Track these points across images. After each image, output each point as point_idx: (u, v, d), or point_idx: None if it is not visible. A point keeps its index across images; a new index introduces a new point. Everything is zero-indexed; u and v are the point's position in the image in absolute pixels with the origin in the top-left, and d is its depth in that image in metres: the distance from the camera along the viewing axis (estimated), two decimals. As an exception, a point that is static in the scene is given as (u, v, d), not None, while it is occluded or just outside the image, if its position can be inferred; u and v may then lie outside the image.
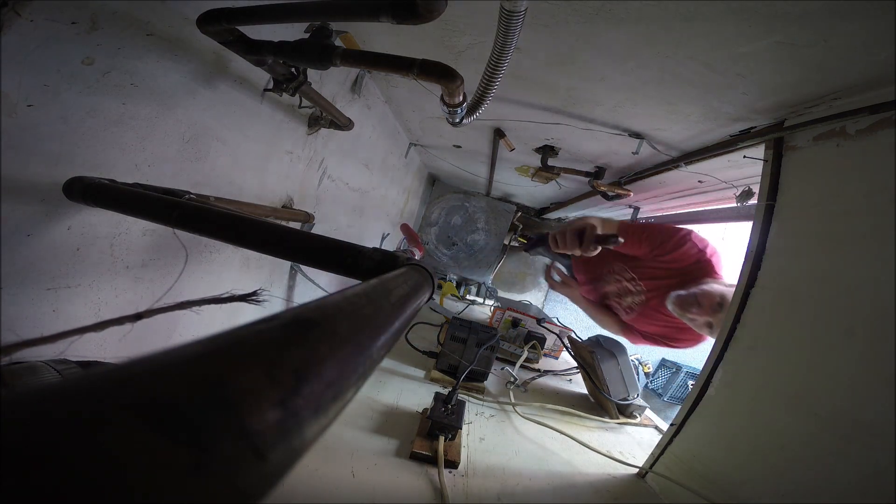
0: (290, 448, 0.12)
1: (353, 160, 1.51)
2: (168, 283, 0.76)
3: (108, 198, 0.54)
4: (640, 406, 1.26)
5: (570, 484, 0.85)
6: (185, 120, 0.71)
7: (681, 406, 0.91)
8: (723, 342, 0.85)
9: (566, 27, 0.76)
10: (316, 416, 0.13)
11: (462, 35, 0.89)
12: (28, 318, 0.56)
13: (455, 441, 0.85)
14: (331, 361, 0.15)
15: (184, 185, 0.70)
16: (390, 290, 0.27)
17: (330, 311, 0.18)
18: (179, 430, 0.09)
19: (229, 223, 0.51)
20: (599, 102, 1.08)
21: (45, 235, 0.56)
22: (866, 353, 0.60)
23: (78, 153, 0.56)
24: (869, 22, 0.57)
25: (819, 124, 0.77)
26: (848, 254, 0.68)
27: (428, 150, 2.27)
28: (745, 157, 1.02)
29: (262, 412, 0.11)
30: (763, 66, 0.73)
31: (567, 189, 2.26)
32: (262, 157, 0.96)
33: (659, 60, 0.80)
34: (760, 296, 0.82)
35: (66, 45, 0.51)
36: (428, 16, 0.49)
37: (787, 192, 0.83)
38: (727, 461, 0.76)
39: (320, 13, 0.60)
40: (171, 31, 0.64)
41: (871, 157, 0.68)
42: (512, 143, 1.61)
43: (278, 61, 0.74)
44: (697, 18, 0.65)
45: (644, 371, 4.62)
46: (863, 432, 0.58)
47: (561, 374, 1.57)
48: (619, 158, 1.50)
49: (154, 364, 0.11)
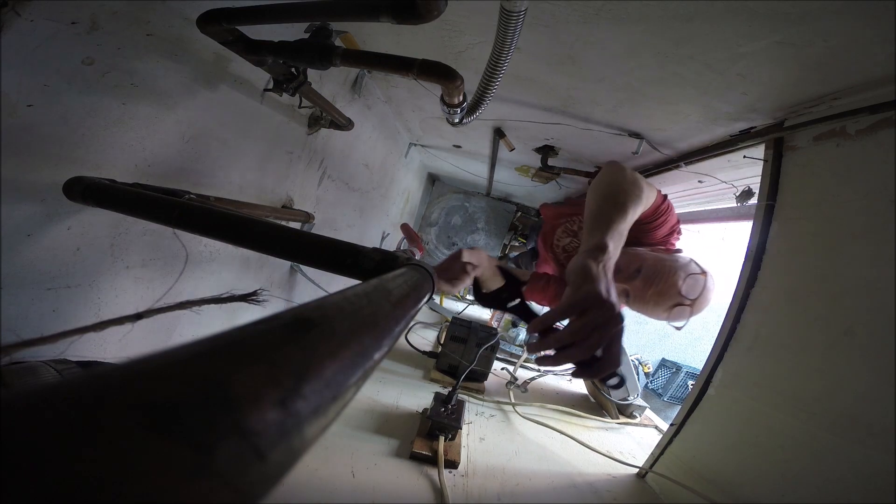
0: (290, 448, 0.12)
1: (353, 160, 1.51)
2: (168, 283, 0.76)
3: (108, 198, 0.54)
4: (640, 406, 1.26)
5: (570, 484, 0.85)
6: (185, 120, 0.71)
7: (681, 406, 0.91)
8: (723, 342, 0.85)
9: (566, 27, 0.76)
10: (316, 416, 0.13)
11: (462, 35, 0.89)
12: (28, 318, 0.56)
13: (455, 441, 0.85)
14: (331, 361, 0.15)
15: (184, 185, 0.70)
16: (390, 290, 0.27)
17: (330, 311, 0.18)
18: (179, 429, 0.09)
19: (229, 223, 0.51)
20: (599, 102, 1.08)
21: (46, 235, 0.56)
22: (866, 353, 0.60)
23: (78, 153, 0.56)
24: (869, 22, 0.57)
25: (819, 124, 0.77)
26: (848, 254, 0.68)
27: (428, 150, 2.27)
28: (745, 157, 1.02)
29: (262, 412, 0.11)
30: (763, 66, 0.73)
31: (567, 189, 2.26)
32: (262, 157, 0.96)
33: (659, 60, 0.80)
34: (760, 296, 0.82)
35: (66, 46, 0.51)
36: (428, 16, 0.49)
37: (787, 192, 0.83)
38: (727, 461, 0.76)
39: (320, 13, 0.60)
40: (172, 31, 0.64)
41: (871, 157, 0.68)
42: (512, 143, 1.61)
43: (278, 61, 0.74)
44: (697, 18, 0.65)
45: (644, 371, 4.61)
46: (863, 432, 0.58)
47: (561, 374, 1.58)
48: (619, 158, 1.50)
49: (154, 364, 0.11)
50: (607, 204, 0.68)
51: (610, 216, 0.65)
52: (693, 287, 0.91)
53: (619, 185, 0.73)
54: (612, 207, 0.67)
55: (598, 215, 0.67)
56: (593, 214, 0.68)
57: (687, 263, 0.94)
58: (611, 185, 0.74)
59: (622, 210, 0.67)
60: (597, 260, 0.55)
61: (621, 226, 0.65)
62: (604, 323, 0.47)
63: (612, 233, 0.61)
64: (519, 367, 1.52)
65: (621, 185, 0.73)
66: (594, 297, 0.48)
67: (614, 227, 0.63)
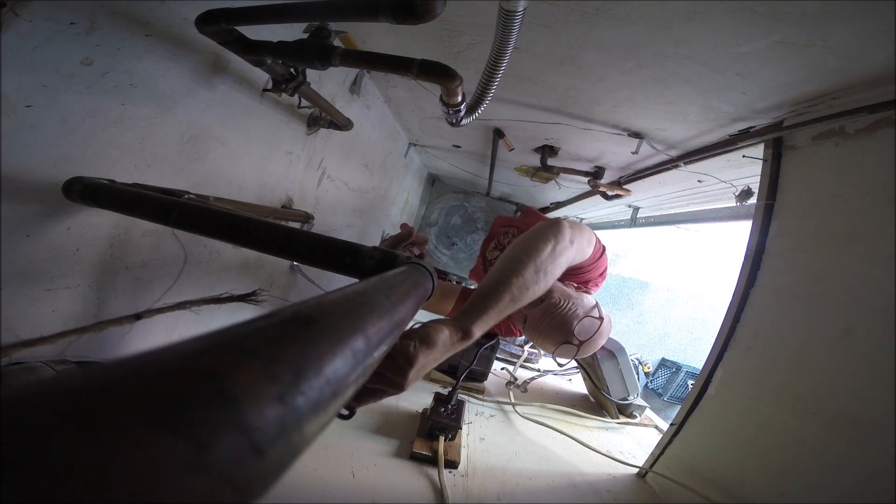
0: (289, 444, 0.12)
1: (353, 160, 1.51)
2: (167, 283, 0.76)
3: (107, 198, 0.54)
4: (640, 406, 1.26)
5: (570, 484, 0.85)
6: (184, 120, 0.71)
7: (681, 406, 0.91)
8: (722, 342, 0.85)
9: (565, 27, 0.76)
10: (315, 413, 0.13)
11: (461, 35, 0.89)
12: (27, 318, 0.56)
13: (455, 441, 0.85)
14: (330, 358, 0.15)
15: (183, 186, 0.70)
16: (390, 288, 0.27)
17: (329, 308, 0.18)
18: (177, 425, 0.09)
19: (229, 223, 0.51)
20: (599, 102, 1.08)
21: (45, 236, 0.56)
22: (866, 352, 0.60)
23: (77, 153, 0.56)
24: (868, 21, 0.57)
25: (818, 124, 0.77)
26: (847, 253, 0.68)
27: (427, 150, 2.27)
28: (744, 157, 1.03)
29: (260, 407, 0.11)
30: (762, 66, 0.73)
31: (567, 189, 2.26)
32: (261, 158, 0.96)
33: (658, 60, 0.80)
34: (760, 295, 0.82)
35: (65, 46, 0.51)
36: (427, 16, 0.49)
37: (787, 191, 0.83)
38: (727, 461, 0.76)
39: (319, 13, 0.60)
40: (170, 31, 0.64)
41: (870, 157, 0.68)
42: (511, 143, 1.61)
43: (277, 61, 0.74)
44: (697, 18, 0.65)
45: (644, 371, 4.62)
46: (863, 432, 0.58)
47: (561, 374, 1.57)
48: (619, 158, 1.50)
49: (152, 360, 0.11)
50: (509, 280, 0.64)
51: (500, 298, 0.62)
52: (586, 330, 0.93)
53: (536, 261, 0.68)
54: (510, 287, 0.63)
55: (493, 288, 0.63)
56: (491, 283, 0.64)
57: (589, 307, 0.97)
58: (525, 258, 0.68)
59: (518, 295, 0.64)
60: (452, 340, 0.57)
61: (507, 310, 0.63)
62: (391, 388, 0.51)
63: (490, 318, 0.60)
64: (519, 366, 1.51)
65: (538, 262, 0.68)
66: (399, 371, 0.51)
67: (495, 313, 0.61)
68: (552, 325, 0.93)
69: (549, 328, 0.93)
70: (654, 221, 2.05)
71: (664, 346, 5.16)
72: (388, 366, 0.50)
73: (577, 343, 0.92)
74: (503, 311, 0.62)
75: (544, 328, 0.93)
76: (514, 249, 0.72)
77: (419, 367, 0.52)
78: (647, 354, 4.93)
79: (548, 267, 0.69)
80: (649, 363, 4.80)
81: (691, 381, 4.29)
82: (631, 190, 1.69)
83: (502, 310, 0.62)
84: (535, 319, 0.94)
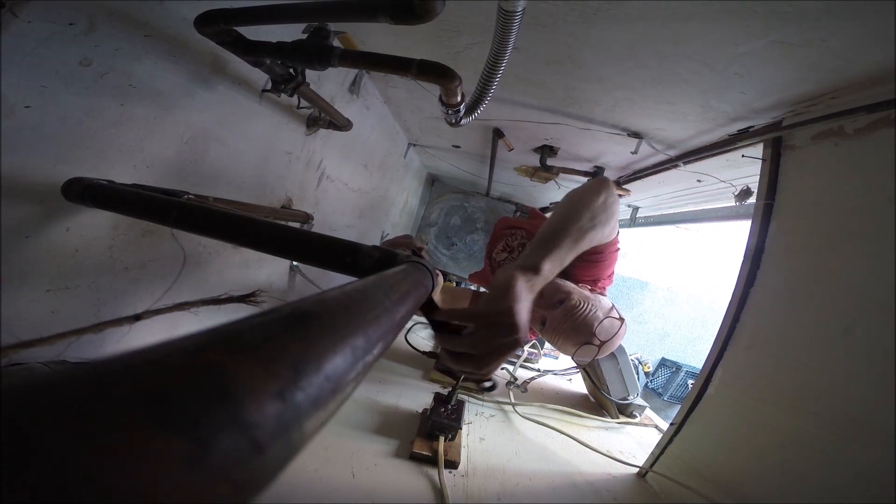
0: (288, 441, 0.12)
1: (352, 160, 1.51)
2: (167, 284, 0.76)
3: (106, 199, 0.54)
4: (640, 406, 1.26)
5: (570, 484, 0.85)
6: (183, 121, 0.71)
7: (681, 405, 0.91)
8: (722, 341, 0.85)
9: (565, 27, 0.76)
10: (315, 409, 0.13)
11: (460, 35, 0.89)
12: (27, 319, 0.56)
13: (455, 441, 0.85)
14: (330, 355, 0.15)
15: (183, 186, 0.70)
16: (390, 286, 0.27)
17: (329, 305, 0.18)
18: (175, 421, 0.09)
19: (228, 222, 0.51)
20: (598, 102, 1.08)
21: (44, 237, 0.56)
22: (865, 352, 0.60)
23: (76, 154, 0.56)
24: (867, 21, 0.57)
25: (817, 123, 0.77)
26: (847, 252, 0.68)
27: (427, 150, 2.27)
28: (743, 157, 1.03)
29: (260, 404, 0.11)
30: (761, 66, 0.73)
31: (566, 189, 2.26)
32: (260, 158, 0.96)
33: (657, 60, 0.80)
34: (759, 295, 0.82)
35: (64, 47, 0.51)
36: (426, 16, 0.50)
37: (786, 191, 0.84)
38: (727, 461, 0.76)
39: (318, 14, 0.60)
40: (169, 32, 0.64)
41: (869, 156, 0.68)
42: (511, 143, 1.61)
43: (276, 62, 0.74)
44: (696, 18, 0.65)
45: (644, 370, 4.62)
46: (862, 432, 0.58)
47: (561, 374, 1.57)
48: (618, 158, 1.50)
49: (150, 355, 0.11)
50: (569, 225, 0.66)
51: (563, 239, 0.63)
52: (607, 330, 0.93)
53: (591, 208, 0.71)
54: (570, 231, 0.65)
55: (553, 232, 0.65)
56: (550, 229, 0.66)
57: (608, 308, 0.98)
58: (581, 206, 0.71)
59: (578, 237, 0.65)
60: (527, 280, 0.53)
61: (569, 253, 0.63)
62: (505, 346, 0.46)
63: (555, 257, 0.60)
64: (519, 366, 1.51)
65: (593, 209, 0.71)
66: (507, 317, 0.47)
67: (560, 252, 0.61)
68: (574, 326, 0.93)
69: (570, 329, 0.93)
70: (654, 221, 2.05)
71: (664, 346, 5.16)
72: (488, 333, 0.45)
73: (598, 343, 0.92)
74: (567, 254, 0.63)
75: (566, 329, 0.94)
76: (569, 200, 0.75)
77: (520, 309, 0.47)
78: (646, 354, 4.93)
79: (600, 215, 0.71)
80: (649, 363, 4.80)
81: (691, 381, 4.29)
82: (630, 190, 1.69)
83: (567, 250, 0.63)
84: (556, 321, 0.95)
